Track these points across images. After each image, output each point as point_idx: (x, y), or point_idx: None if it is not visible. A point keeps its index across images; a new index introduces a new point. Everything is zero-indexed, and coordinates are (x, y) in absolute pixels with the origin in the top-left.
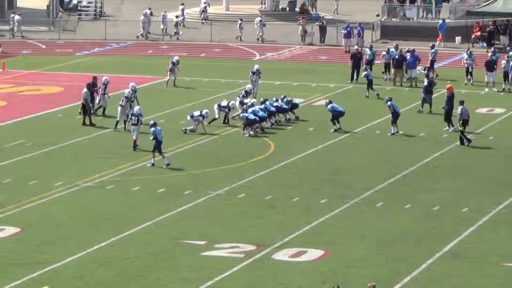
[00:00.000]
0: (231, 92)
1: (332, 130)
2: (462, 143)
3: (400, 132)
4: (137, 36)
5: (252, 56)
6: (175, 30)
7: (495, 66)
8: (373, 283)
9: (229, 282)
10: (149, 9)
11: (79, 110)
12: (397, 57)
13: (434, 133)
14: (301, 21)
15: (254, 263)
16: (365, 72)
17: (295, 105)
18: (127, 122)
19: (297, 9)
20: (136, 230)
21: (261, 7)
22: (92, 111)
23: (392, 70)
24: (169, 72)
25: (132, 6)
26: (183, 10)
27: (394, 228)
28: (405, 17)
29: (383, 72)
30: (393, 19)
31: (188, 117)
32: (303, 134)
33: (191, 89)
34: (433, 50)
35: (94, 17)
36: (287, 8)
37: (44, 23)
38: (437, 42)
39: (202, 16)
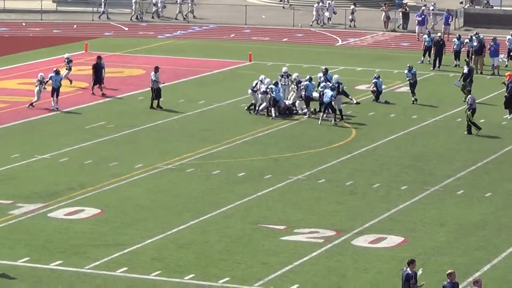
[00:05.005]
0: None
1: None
2: None
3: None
4: (311, 24)
5: (334, 42)
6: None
7: None
8: (452, 271)
9: (308, 267)
10: None
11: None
12: (475, 44)
13: None
14: (384, 7)
15: (333, 248)
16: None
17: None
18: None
19: None
20: (216, 213)
21: None
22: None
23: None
24: (65, 69)
25: None
26: None
27: (474, 216)
28: (488, 4)
29: (465, 60)
30: (476, 7)
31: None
32: (384, 120)
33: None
34: (510, 38)
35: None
36: None
37: (127, 5)
38: None
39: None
